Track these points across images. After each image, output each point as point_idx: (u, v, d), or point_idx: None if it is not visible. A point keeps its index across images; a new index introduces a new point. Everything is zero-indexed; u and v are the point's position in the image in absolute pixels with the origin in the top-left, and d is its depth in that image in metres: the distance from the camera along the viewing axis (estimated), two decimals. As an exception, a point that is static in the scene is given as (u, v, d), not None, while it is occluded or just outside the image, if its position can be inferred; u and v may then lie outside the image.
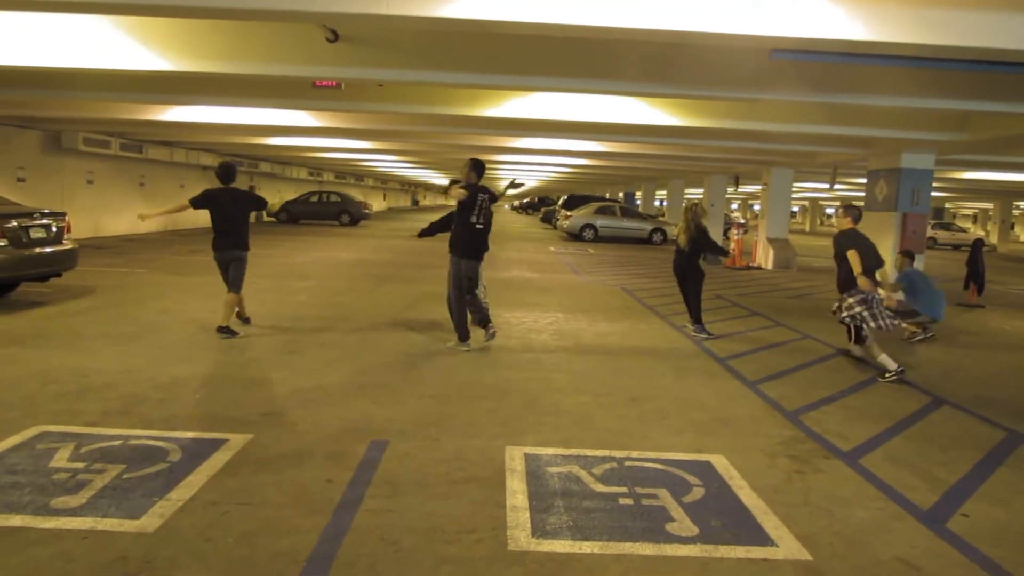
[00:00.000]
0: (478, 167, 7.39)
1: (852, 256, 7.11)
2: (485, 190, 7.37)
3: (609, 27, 5.63)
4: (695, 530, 3.61)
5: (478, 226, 7.23)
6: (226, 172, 7.69)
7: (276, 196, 6.63)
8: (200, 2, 5.61)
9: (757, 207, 49.45)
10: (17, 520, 3.40)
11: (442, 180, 46.61)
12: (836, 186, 25.45)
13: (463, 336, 7.41)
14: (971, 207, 52.61)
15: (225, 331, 7.52)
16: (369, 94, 10.49)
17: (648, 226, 27.86)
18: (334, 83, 9.03)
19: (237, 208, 7.63)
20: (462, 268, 7.29)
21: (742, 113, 10.80)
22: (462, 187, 7.16)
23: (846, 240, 7.32)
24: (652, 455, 4.63)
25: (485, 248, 7.41)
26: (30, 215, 8.93)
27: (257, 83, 10.04)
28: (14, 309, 8.65)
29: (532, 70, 8.05)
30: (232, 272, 7.59)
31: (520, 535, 3.47)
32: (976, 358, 8.47)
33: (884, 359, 7.02)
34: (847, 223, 7.54)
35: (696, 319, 8.88)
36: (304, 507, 3.68)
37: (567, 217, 28.26)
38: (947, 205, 50.16)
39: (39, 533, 3.30)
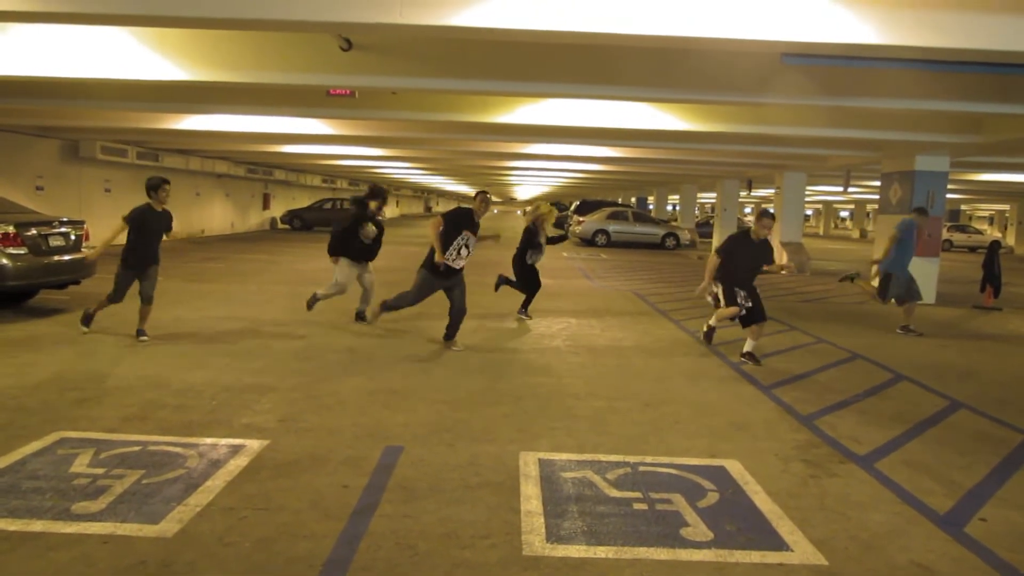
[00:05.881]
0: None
1: None
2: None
3: (618, 34, 5.66)
4: (710, 535, 3.60)
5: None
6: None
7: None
8: (215, 13, 5.69)
9: (771, 211, 49.18)
10: (38, 525, 3.45)
11: (455, 186, 46.69)
12: (850, 189, 25.30)
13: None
14: (987, 209, 52.11)
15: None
16: (382, 102, 10.57)
17: (660, 231, 27.81)
18: (348, 91, 9.12)
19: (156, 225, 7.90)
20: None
21: (751, 117, 10.78)
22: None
23: None
24: (666, 460, 4.63)
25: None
26: (49, 223, 9.05)
27: (272, 92, 10.14)
28: (33, 316, 8.77)
29: (542, 77, 8.09)
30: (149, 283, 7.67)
31: (535, 540, 3.48)
32: (993, 361, 8.40)
33: None
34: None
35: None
36: (320, 512, 3.71)
37: (579, 222, 28.25)
38: (963, 207, 49.72)
39: (60, 538, 3.35)
